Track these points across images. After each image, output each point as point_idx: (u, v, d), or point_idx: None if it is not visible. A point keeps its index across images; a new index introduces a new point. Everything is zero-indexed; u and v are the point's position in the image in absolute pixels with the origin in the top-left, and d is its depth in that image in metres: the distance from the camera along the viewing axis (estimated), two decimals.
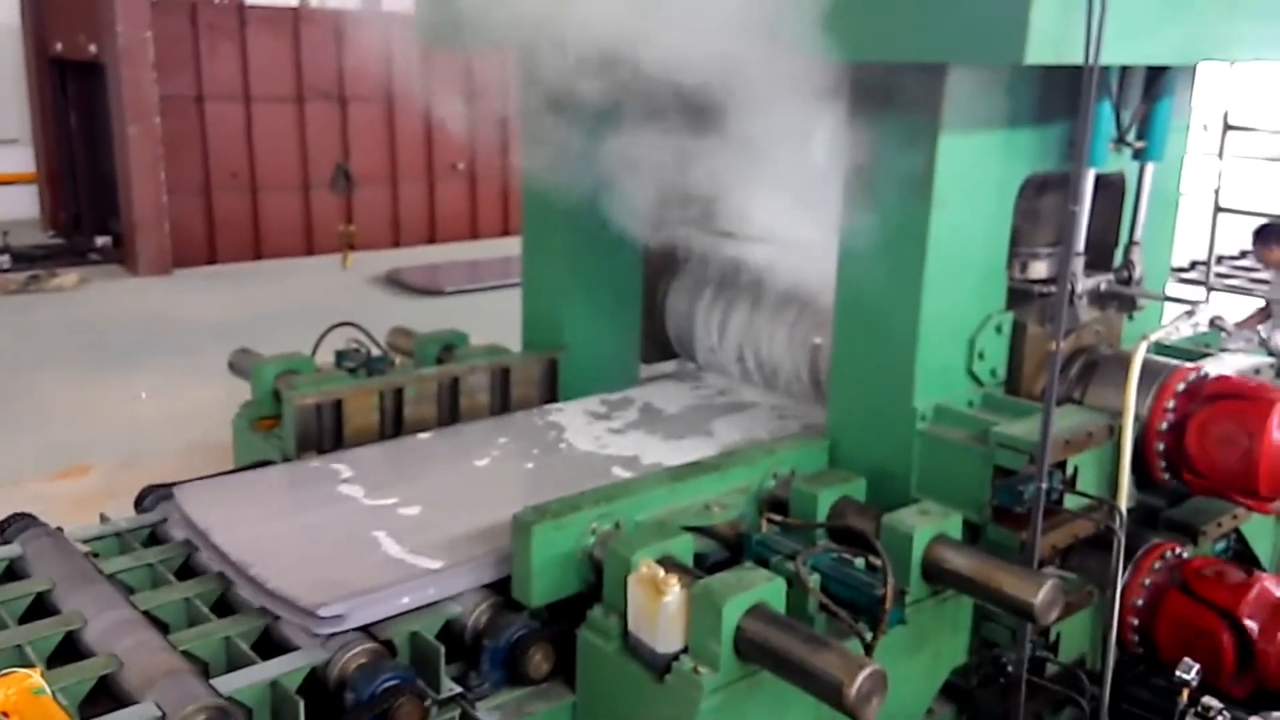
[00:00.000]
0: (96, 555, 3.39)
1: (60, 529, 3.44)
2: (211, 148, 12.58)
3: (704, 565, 3.02)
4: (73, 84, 13.29)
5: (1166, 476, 3.37)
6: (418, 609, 2.93)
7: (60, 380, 8.14)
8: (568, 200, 4.46)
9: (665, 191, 4.86)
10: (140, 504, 3.73)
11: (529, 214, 4.80)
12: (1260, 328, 4.91)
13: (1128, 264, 3.68)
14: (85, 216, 13.51)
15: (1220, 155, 8.16)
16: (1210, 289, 8.17)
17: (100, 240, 12.75)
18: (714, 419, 4.24)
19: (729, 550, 3.20)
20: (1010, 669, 3.19)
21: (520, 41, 4.11)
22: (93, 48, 11.98)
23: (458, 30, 4.38)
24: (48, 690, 2.17)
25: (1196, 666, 3.05)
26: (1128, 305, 3.74)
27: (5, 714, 2.10)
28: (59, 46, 12.88)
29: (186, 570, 3.32)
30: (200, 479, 3.68)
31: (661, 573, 2.69)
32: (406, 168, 14.06)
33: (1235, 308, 7.16)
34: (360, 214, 13.25)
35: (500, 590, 3.07)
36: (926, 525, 3.00)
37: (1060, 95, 3.32)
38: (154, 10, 11.63)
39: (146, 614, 2.95)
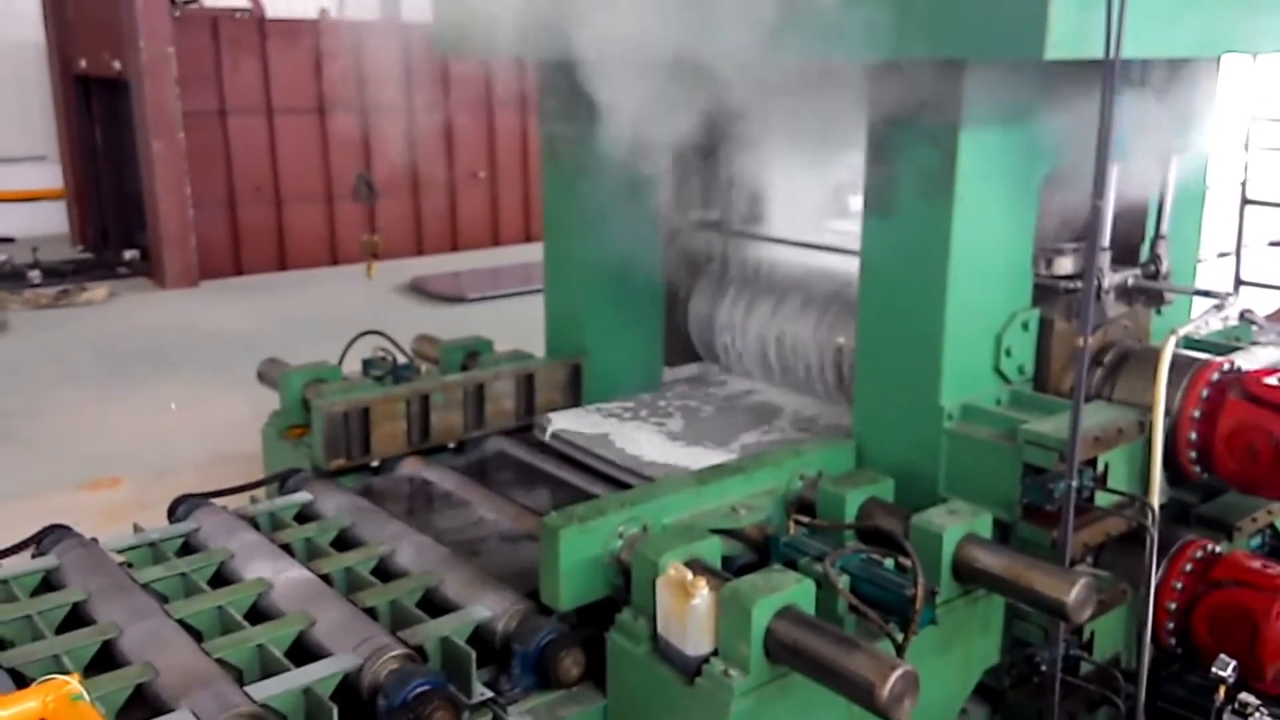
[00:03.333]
0: (130, 565, 3.43)
1: (95, 540, 3.49)
2: (235, 161, 12.70)
3: (731, 568, 3.02)
4: (97, 100, 13.44)
5: (1198, 471, 3.34)
6: None
7: (91, 392, 8.23)
8: (588, 205, 4.49)
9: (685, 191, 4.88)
10: (173, 514, 3.77)
11: (550, 220, 4.82)
12: None
13: (1155, 258, 3.65)
14: (112, 231, 13.66)
15: (1246, 147, 8.08)
16: (1239, 282, 8.09)
17: (128, 254, 12.88)
18: None
19: (756, 552, 3.19)
20: (1044, 668, 3.17)
21: (537, 51, 4.13)
22: (116, 64, 12.12)
23: (476, 40, 4.41)
24: (85, 696, 2.19)
25: (1233, 664, 3.01)
26: (1155, 300, 3.71)
27: None
28: (83, 63, 13.03)
29: (219, 579, 3.36)
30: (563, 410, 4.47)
31: (690, 575, 2.69)
32: (428, 176, 14.14)
33: (1265, 300, 7.08)
34: (383, 223, 13.33)
35: (530, 595, 3.09)
36: (956, 524, 2.98)
37: (1082, 89, 3.29)
38: (176, 26, 11.75)
39: (181, 622, 2.98)
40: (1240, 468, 3.22)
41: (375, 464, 4.23)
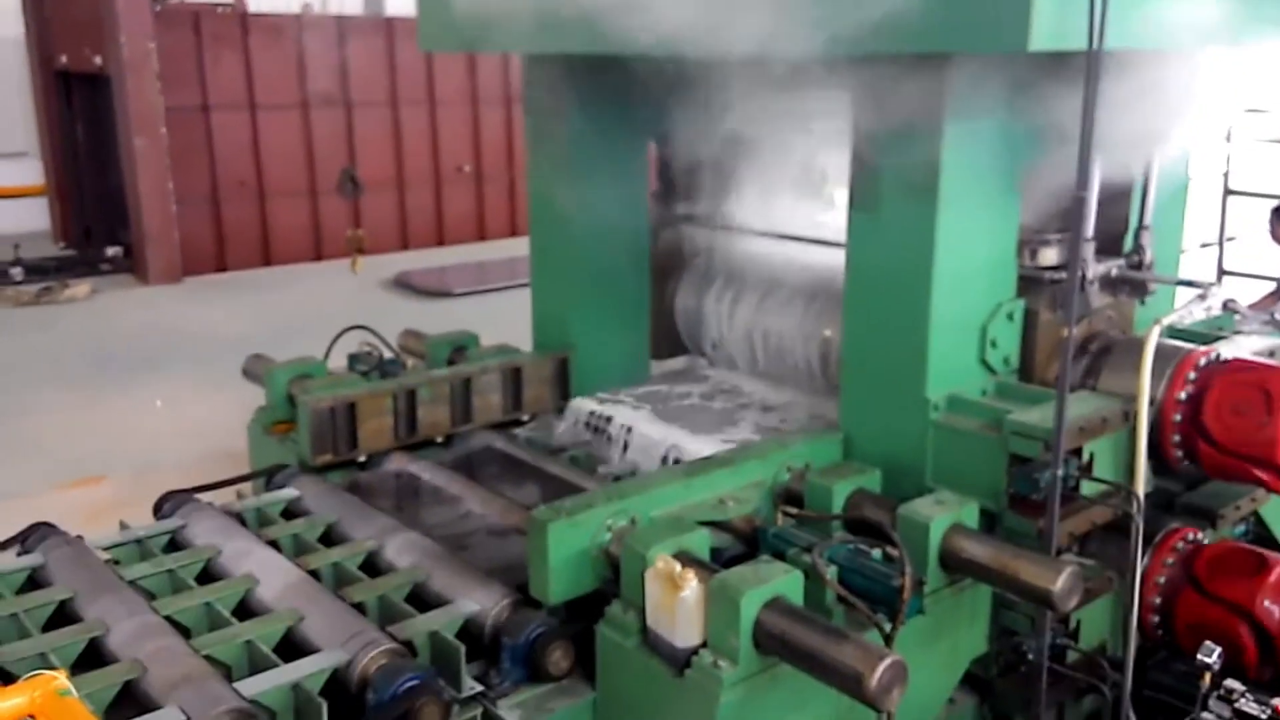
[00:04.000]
0: (117, 562, 3.42)
1: (80, 537, 3.47)
2: (218, 156, 12.63)
3: (720, 560, 3.02)
4: (78, 96, 13.34)
5: (1182, 460, 3.36)
6: None
7: (74, 391, 8.18)
8: (574, 199, 4.48)
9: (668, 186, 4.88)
10: (159, 510, 3.76)
11: (536, 214, 4.81)
12: (1274, 309, 4.88)
13: (1138, 248, 3.67)
14: (95, 227, 13.57)
15: (1229, 138, 8.12)
16: (1222, 272, 8.13)
17: (111, 251, 12.80)
18: None
19: (745, 544, 3.20)
20: (1031, 657, 3.18)
21: (524, 45, 4.12)
22: (98, 60, 12.03)
23: (461, 34, 4.39)
24: (73, 691, 2.19)
25: (1218, 650, 3.04)
26: (1139, 290, 3.72)
27: (32, 716, 2.12)
28: (64, 59, 12.93)
29: (206, 575, 3.34)
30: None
31: (678, 567, 2.69)
32: (413, 171, 14.10)
33: (1248, 290, 7.12)
34: (368, 218, 13.29)
35: (519, 589, 3.09)
36: (943, 514, 2.99)
37: (1065, 79, 3.30)
38: (158, 21, 11.67)
39: (168, 619, 2.97)
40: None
41: (362, 459, 4.22)
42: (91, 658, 2.87)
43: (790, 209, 4.57)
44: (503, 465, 4.33)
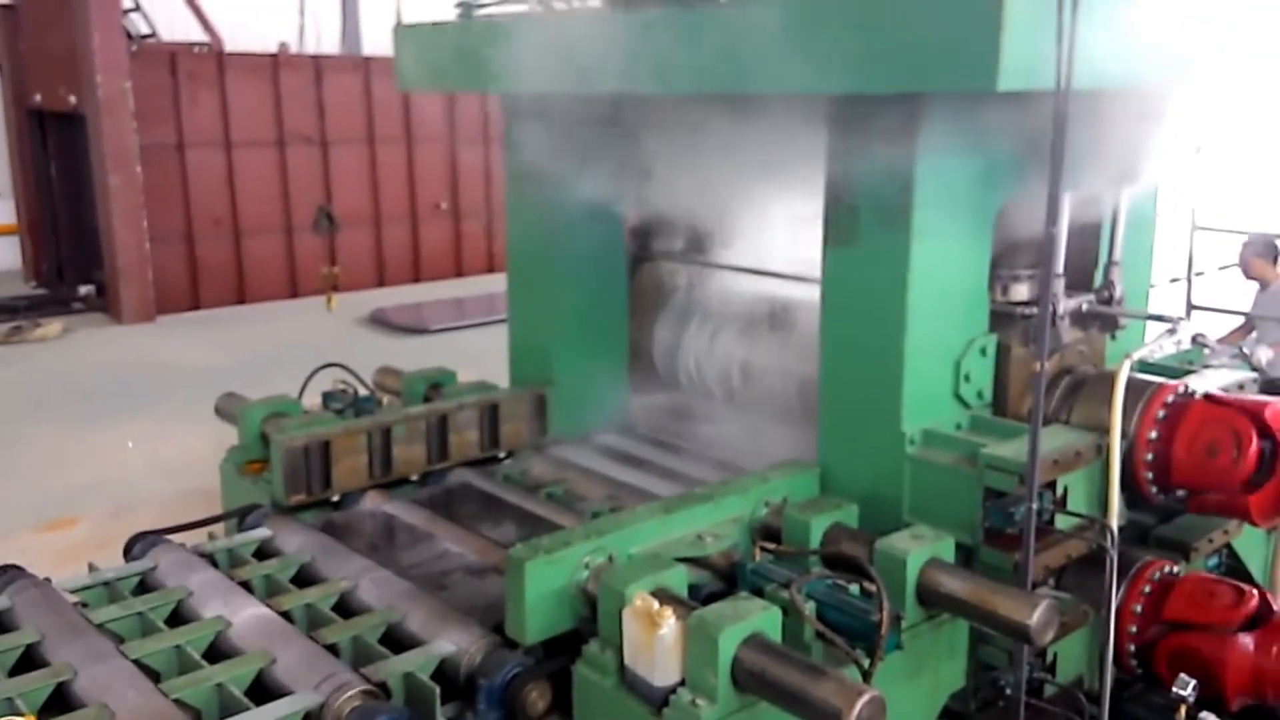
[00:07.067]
0: (85, 605, 3.36)
1: (48, 580, 3.42)
2: (193, 194, 12.61)
3: (698, 596, 3.01)
4: (52, 135, 13.31)
5: (1155, 493, 3.38)
6: None
7: (46, 431, 8.08)
8: (552, 235, 4.50)
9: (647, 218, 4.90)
10: (129, 552, 3.71)
11: (514, 250, 4.82)
12: (1242, 343, 4.95)
13: (1108, 284, 3.71)
14: (68, 266, 13.49)
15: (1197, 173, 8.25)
16: (1191, 306, 8.24)
17: (83, 289, 12.72)
18: None
19: (723, 580, 3.19)
20: (1009, 691, 3.18)
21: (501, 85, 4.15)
22: (73, 99, 12.02)
23: (438, 73, 4.42)
24: None
25: (1193, 683, 3.04)
26: (1110, 325, 3.77)
27: None
28: (38, 98, 12.91)
29: (176, 617, 3.30)
30: None
31: (656, 605, 2.68)
32: (390, 208, 14.12)
33: (1217, 324, 7.22)
34: (344, 255, 13.28)
35: (496, 628, 3.06)
36: (920, 549, 3.00)
37: (1036, 118, 3.35)
38: (133, 60, 11.69)
39: (137, 662, 2.92)
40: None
41: (336, 499, 4.18)
42: (58, 703, 2.81)
43: (767, 244, 4.60)
44: (480, 503, 4.31)
